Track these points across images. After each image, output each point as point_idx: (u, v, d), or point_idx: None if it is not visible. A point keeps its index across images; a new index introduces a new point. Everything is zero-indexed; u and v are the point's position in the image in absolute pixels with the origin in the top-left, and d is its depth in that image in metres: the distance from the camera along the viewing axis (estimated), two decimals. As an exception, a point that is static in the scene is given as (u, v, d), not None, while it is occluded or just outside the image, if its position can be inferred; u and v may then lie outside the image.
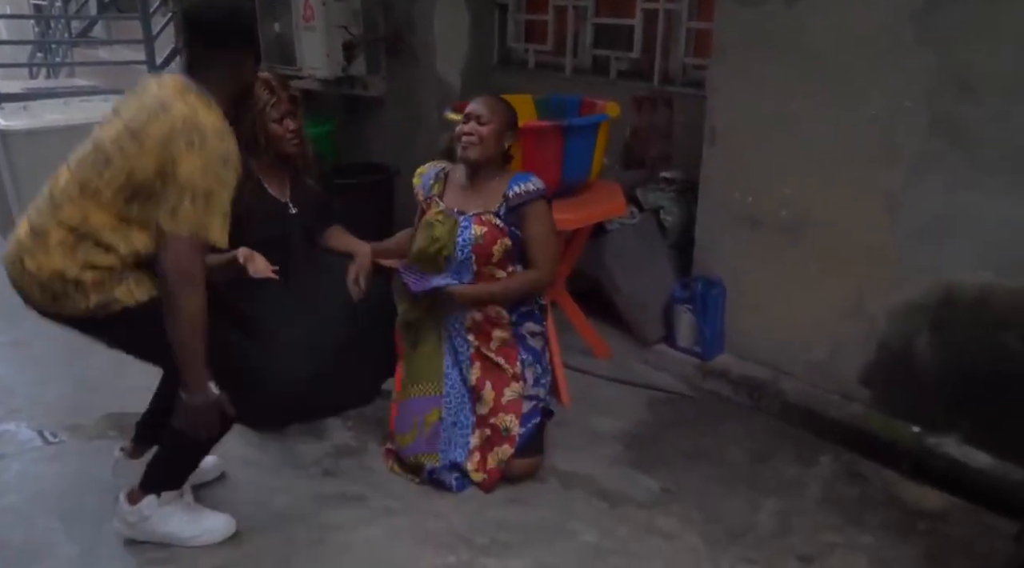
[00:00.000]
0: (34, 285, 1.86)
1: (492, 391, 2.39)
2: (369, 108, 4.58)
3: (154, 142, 1.79)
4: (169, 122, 1.80)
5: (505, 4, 4.26)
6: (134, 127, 1.82)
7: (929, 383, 2.52)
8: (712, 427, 2.76)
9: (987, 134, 2.27)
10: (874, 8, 2.43)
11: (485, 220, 2.35)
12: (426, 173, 2.54)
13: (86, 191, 1.83)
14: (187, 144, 1.79)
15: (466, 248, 2.34)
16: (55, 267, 1.83)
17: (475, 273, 2.38)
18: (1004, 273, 2.31)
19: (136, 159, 1.80)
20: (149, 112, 1.83)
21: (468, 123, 2.36)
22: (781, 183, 2.77)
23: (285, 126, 2.55)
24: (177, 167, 1.78)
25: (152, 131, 1.80)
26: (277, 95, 2.52)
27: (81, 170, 1.86)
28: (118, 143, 1.83)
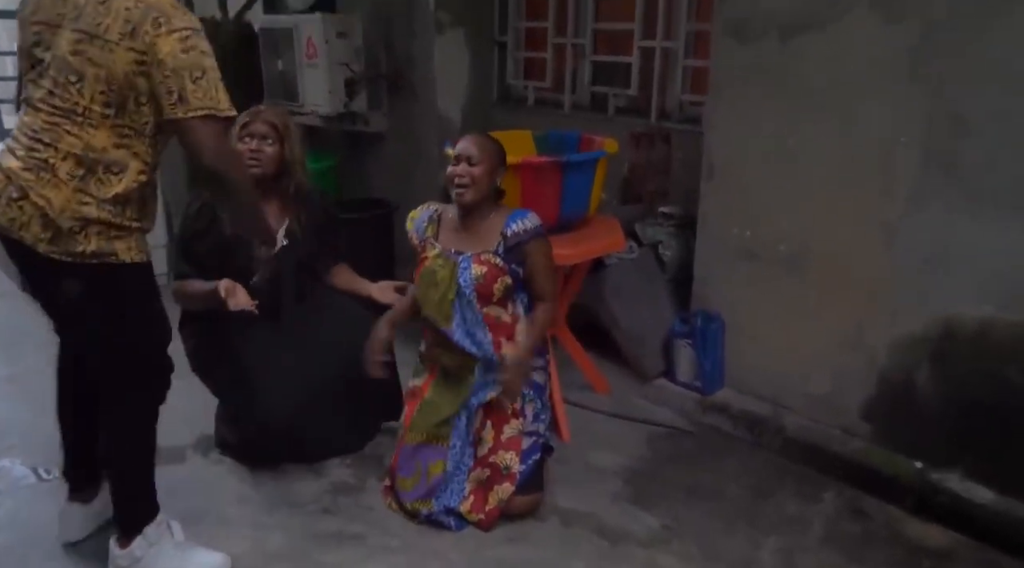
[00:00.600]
0: (36, 220, 1.79)
1: (492, 430, 2.37)
2: (370, 144, 4.63)
3: (117, 36, 1.75)
4: (122, 11, 1.75)
5: (504, 42, 4.32)
6: (89, 30, 1.76)
7: (931, 417, 2.50)
8: (713, 463, 2.73)
9: (982, 168, 2.29)
10: (867, 46, 2.46)
11: (484, 259, 2.33)
12: (418, 217, 2.50)
13: (75, 116, 1.79)
14: (154, 26, 1.75)
15: (468, 289, 2.31)
16: (68, 202, 1.79)
17: (483, 314, 2.34)
18: (1004, 306, 2.31)
19: (108, 60, 1.75)
20: (94, 8, 1.77)
21: (459, 165, 2.33)
22: (779, 217, 2.78)
23: (246, 146, 2.52)
24: (157, 54, 1.74)
25: (111, 26, 1.75)
26: (252, 116, 2.55)
27: (58, 98, 1.80)
28: (82, 55, 1.77)
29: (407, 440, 2.45)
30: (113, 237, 1.85)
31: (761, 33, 2.71)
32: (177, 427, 2.88)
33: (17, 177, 1.80)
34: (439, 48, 4.14)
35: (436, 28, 4.10)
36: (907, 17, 2.36)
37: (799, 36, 2.61)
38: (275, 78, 4.53)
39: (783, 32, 2.65)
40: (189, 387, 2.90)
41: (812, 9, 2.57)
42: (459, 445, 2.40)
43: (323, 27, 4.14)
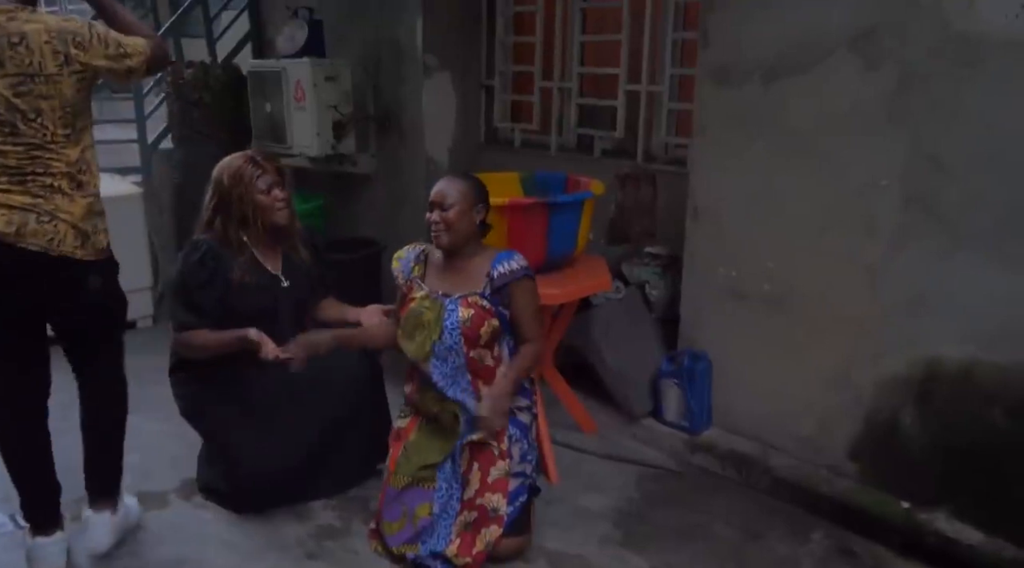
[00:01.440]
0: (69, 233, 2.11)
1: (479, 472, 2.35)
2: (358, 185, 4.66)
3: (56, 68, 2.05)
4: (44, 47, 2.04)
5: (491, 85, 4.39)
6: (23, 72, 2.02)
7: (917, 457, 2.51)
8: (701, 504, 2.72)
9: (961, 210, 2.33)
10: (847, 90, 2.52)
11: (471, 302, 2.33)
12: (405, 256, 2.51)
13: (49, 144, 2.08)
14: (78, 48, 2.08)
15: (455, 332, 2.31)
16: (82, 209, 2.14)
17: (464, 356, 2.34)
18: (986, 347, 2.33)
19: (56, 90, 2.06)
20: (14, 52, 2.01)
21: (433, 211, 2.35)
22: (764, 257, 2.82)
23: (273, 196, 2.57)
24: (93, 64, 2.11)
25: (44, 62, 2.04)
26: (263, 167, 2.56)
27: (23, 136, 2.05)
28: (27, 94, 2.04)
29: (392, 483, 2.42)
30: (104, 228, 2.24)
31: (744, 78, 2.77)
32: (160, 472, 2.85)
33: (36, 206, 2.07)
34: (427, 91, 4.20)
35: (424, 72, 4.17)
36: (885, 63, 2.42)
37: (781, 80, 2.67)
38: (263, 120, 4.56)
39: (765, 76, 2.71)
40: (172, 431, 2.88)
41: (793, 54, 2.63)
42: (445, 488, 2.38)
43: (312, 71, 4.19)
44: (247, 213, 2.54)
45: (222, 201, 2.55)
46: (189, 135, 4.84)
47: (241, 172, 2.53)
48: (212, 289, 2.51)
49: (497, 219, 2.64)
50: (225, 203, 2.54)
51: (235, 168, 2.54)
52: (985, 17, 2.21)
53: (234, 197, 2.52)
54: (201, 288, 2.50)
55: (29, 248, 2.06)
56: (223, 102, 4.87)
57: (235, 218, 2.54)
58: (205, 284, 2.50)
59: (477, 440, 2.33)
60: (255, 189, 2.53)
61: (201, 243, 2.54)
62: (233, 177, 2.53)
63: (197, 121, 4.82)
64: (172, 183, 4.79)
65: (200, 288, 2.50)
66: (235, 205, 2.53)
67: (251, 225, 2.56)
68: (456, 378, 2.36)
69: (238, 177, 2.53)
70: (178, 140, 4.92)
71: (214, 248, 2.53)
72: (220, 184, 2.55)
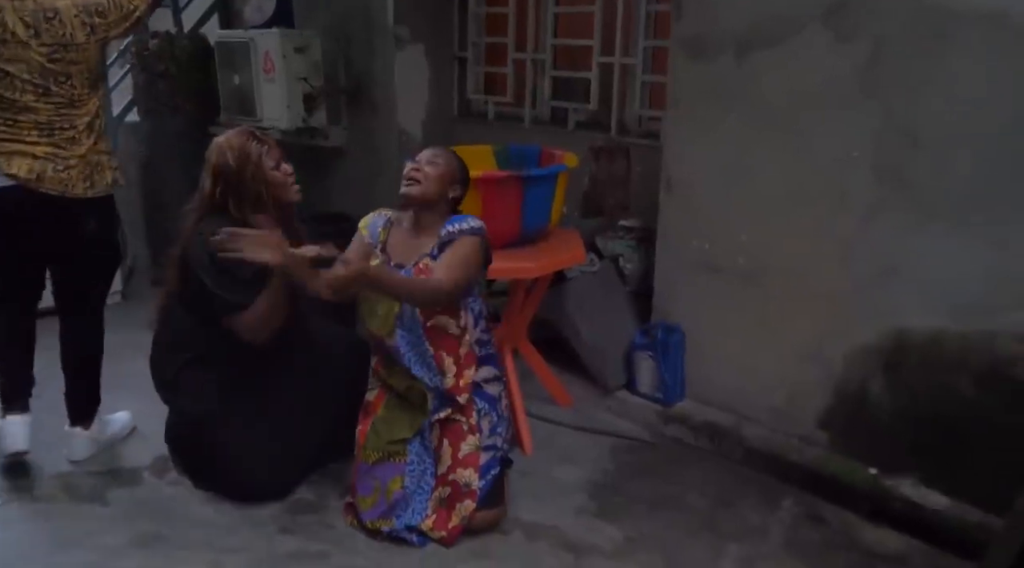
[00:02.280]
0: (79, 177, 2.51)
1: (449, 448, 2.35)
2: (330, 158, 4.60)
3: (84, 38, 2.47)
4: (74, 20, 2.46)
5: (464, 57, 4.34)
6: (58, 42, 2.44)
7: (885, 426, 2.56)
8: (675, 474, 2.76)
9: (931, 182, 2.36)
10: (820, 64, 2.53)
11: (422, 267, 2.31)
12: (372, 222, 2.47)
13: (76, 102, 2.51)
14: (101, 17, 2.51)
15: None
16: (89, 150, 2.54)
17: (423, 327, 2.30)
18: (953, 317, 2.37)
19: (84, 57, 2.49)
20: (52, 26, 2.43)
21: (416, 163, 2.35)
22: (737, 230, 2.83)
23: (284, 171, 2.46)
24: (112, 29, 2.55)
25: (74, 33, 2.46)
26: (266, 142, 2.43)
27: (55, 95, 2.47)
28: (60, 61, 2.46)
29: (363, 458, 2.42)
30: (113, 166, 2.64)
31: (717, 50, 2.76)
32: (133, 449, 2.84)
33: (56, 155, 2.48)
34: (399, 63, 4.14)
35: (396, 44, 4.11)
36: (858, 36, 2.43)
37: (754, 53, 2.67)
38: (232, 93, 4.48)
39: (739, 49, 2.71)
40: (144, 409, 2.86)
41: (766, 27, 2.63)
42: (417, 461, 2.38)
43: (281, 42, 4.11)
44: (261, 192, 2.39)
45: (231, 183, 2.37)
46: (155, 108, 4.73)
47: (247, 150, 2.38)
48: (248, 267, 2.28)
49: (471, 193, 2.62)
50: (235, 184, 2.37)
51: (239, 146, 2.38)
52: (956, -11, 2.22)
53: (247, 177, 2.36)
54: (242, 266, 2.27)
55: (48, 192, 2.47)
56: (189, 74, 4.76)
57: (249, 199, 2.38)
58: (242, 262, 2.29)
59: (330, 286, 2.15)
60: (266, 166, 2.40)
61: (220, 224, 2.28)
62: (240, 156, 2.36)
63: (163, 93, 4.71)
64: (139, 156, 4.69)
65: (238, 265, 2.27)
66: (248, 185, 2.37)
67: (264, 204, 2.41)
68: (420, 351, 2.32)
69: (246, 156, 2.37)
70: (144, 113, 4.81)
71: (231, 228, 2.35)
72: (226, 166, 2.36)
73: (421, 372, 2.33)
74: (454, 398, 2.34)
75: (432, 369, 2.33)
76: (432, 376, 2.33)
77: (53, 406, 2.76)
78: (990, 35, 2.19)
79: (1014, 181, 2.21)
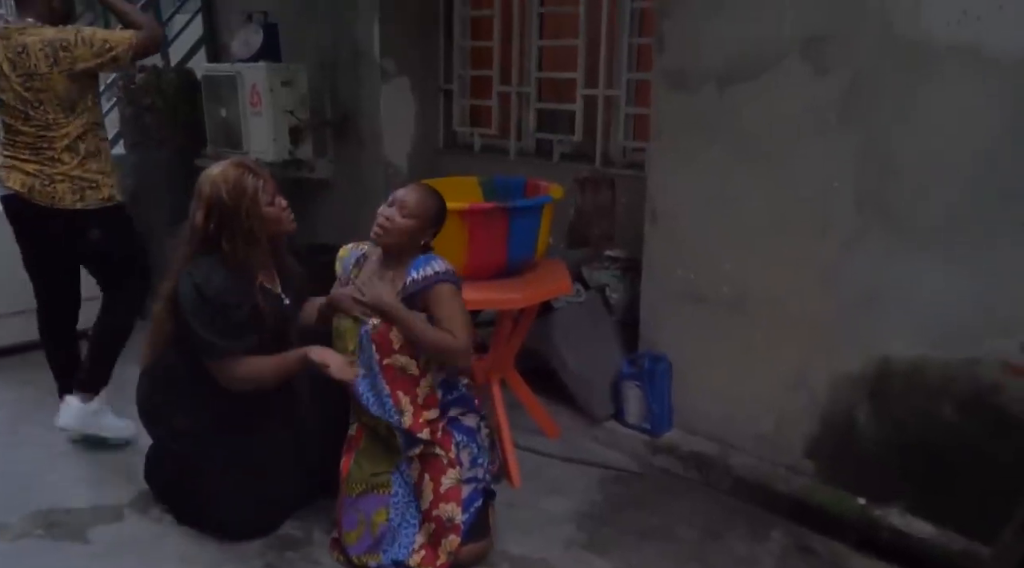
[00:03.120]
0: (67, 191, 2.80)
1: (431, 482, 2.31)
2: (316, 190, 4.60)
3: (46, 69, 2.71)
4: (38, 53, 2.70)
5: (450, 90, 4.38)
6: (26, 72, 2.72)
7: (872, 454, 2.56)
8: (663, 505, 2.74)
9: (911, 211, 2.39)
10: (799, 94, 2.57)
11: None
12: (346, 257, 2.47)
13: (52, 125, 2.77)
14: (63, 50, 2.72)
15: (366, 338, 2.24)
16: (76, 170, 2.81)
17: (380, 365, 2.25)
18: (936, 345, 2.39)
19: (48, 85, 2.73)
20: (18, 58, 2.71)
21: (390, 208, 2.30)
22: (721, 260, 2.85)
23: (279, 205, 2.41)
24: (78, 64, 2.74)
25: (38, 64, 2.71)
26: (261, 176, 2.37)
27: (33, 120, 2.76)
28: (31, 89, 2.73)
29: (347, 491, 2.39)
30: (110, 184, 2.91)
31: (699, 83, 2.80)
32: (115, 483, 2.79)
33: (42, 172, 2.78)
34: (385, 96, 4.18)
35: (382, 76, 4.14)
36: (836, 68, 2.47)
37: (735, 85, 2.71)
38: (218, 126, 4.49)
39: (720, 81, 2.75)
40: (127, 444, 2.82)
41: (746, 60, 2.67)
42: (402, 493, 2.35)
43: (267, 75, 4.13)
44: (254, 228, 2.33)
45: (224, 218, 2.30)
46: (142, 141, 4.74)
47: (242, 184, 2.31)
48: (242, 311, 2.33)
49: (457, 224, 2.64)
50: (228, 220, 2.31)
51: (234, 180, 2.31)
52: (929, 22, 2.27)
53: (241, 213, 2.30)
54: (235, 309, 2.31)
55: (39, 204, 2.80)
56: (176, 107, 4.77)
57: (241, 234, 2.32)
58: (238, 306, 2.32)
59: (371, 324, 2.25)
60: (261, 201, 2.34)
61: (210, 266, 2.33)
62: (235, 191, 2.30)
63: (150, 126, 4.72)
64: (126, 188, 4.68)
65: (234, 309, 2.31)
66: (242, 221, 2.31)
67: (257, 240, 2.36)
68: (377, 390, 2.27)
69: (241, 191, 2.31)
70: (131, 146, 4.81)
71: (224, 272, 2.33)
72: (220, 200, 2.30)
73: (379, 412, 2.27)
74: (416, 436, 2.29)
75: (388, 409, 2.26)
76: (390, 415, 2.26)
77: (34, 440, 2.73)
78: (965, 67, 2.23)
79: (993, 209, 2.24)
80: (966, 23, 2.20)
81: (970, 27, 2.20)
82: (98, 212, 2.88)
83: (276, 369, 2.36)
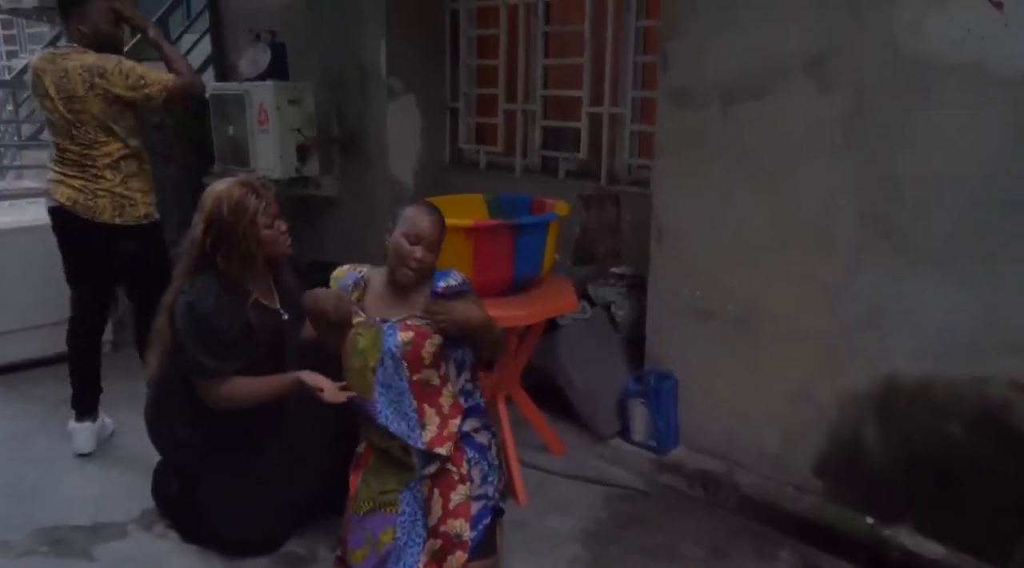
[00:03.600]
0: (108, 206, 2.99)
1: (440, 498, 2.30)
2: (322, 207, 4.63)
3: (83, 92, 2.90)
4: (77, 77, 2.89)
5: (456, 108, 4.41)
6: (67, 94, 2.91)
7: (880, 473, 2.54)
8: (669, 523, 2.72)
9: (916, 228, 2.38)
10: (803, 113, 2.58)
11: (411, 324, 2.26)
12: (342, 279, 2.42)
13: (94, 144, 2.97)
14: (100, 77, 2.89)
15: (395, 354, 2.24)
16: (118, 188, 3.01)
17: (409, 381, 2.26)
18: (943, 362, 2.38)
19: (85, 107, 2.92)
20: (61, 81, 2.91)
21: (416, 246, 2.25)
22: (727, 277, 2.85)
23: (277, 228, 2.42)
24: (111, 90, 2.91)
25: (76, 88, 2.89)
26: (265, 198, 2.39)
27: (79, 138, 2.95)
28: (72, 111, 2.92)
29: (354, 509, 2.38)
30: (148, 203, 3.11)
31: (703, 101, 2.81)
32: (119, 502, 2.79)
33: (86, 187, 2.98)
34: (391, 114, 4.21)
35: (388, 95, 4.18)
36: (839, 86, 2.48)
37: (739, 103, 2.72)
38: (226, 143, 4.52)
39: (724, 100, 2.76)
40: (130, 459, 2.83)
41: (750, 78, 2.68)
42: (408, 512, 2.33)
43: (275, 94, 4.17)
44: (251, 248, 2.35)
45: (222, 234, 2.32)
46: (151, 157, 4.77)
47: (244, 204, 2.32)
48: (235, 332, 2.34)
49: (463, 241, 2.64)
50: (226, 237, 2.33)
51: (236, 199, 2.33)
52: (932, 41, 2.28)
53: (239, 232, 2.32)
54: (225, 331, 2.33)
55: (81, 216, 2.98)
56: (185, 124, 4.82)
57: (237, 253, 2.34)
58: (229, 327, 2.33)
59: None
60: (260, 223, 2.35)
61: (204, 287, 2.34)
62: (235, 210, 2.31)
63: (158, 143, 4.75)
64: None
65: (224, 331, 2.33)
66: (238, 240, 2.32)
67: (253, 260, 2.38)
68: (401, 406, 2.27)
69: (242, 210, 2.32)
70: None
71: (219, 291, 2.34)
72: (219, 217, 2.32)
73: (399, 430, 2.27)
74: (435, 453, 2.29)
75: (412, 425, 2.27)
76: (411, 433, 2.27)
77: (40, 455, 2.73)
78: (967, 85, 2.24)
79: (997, 227, 2.24)
80: (970, 41, 2.21)
81: (974, 45, 2.20)
82: (135, 228, 3.05)
83: (265, 392, 2.38)
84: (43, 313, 3.92)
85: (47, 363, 3.89)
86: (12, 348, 3.93)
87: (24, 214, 4.17)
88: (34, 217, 4.04)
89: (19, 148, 7.73)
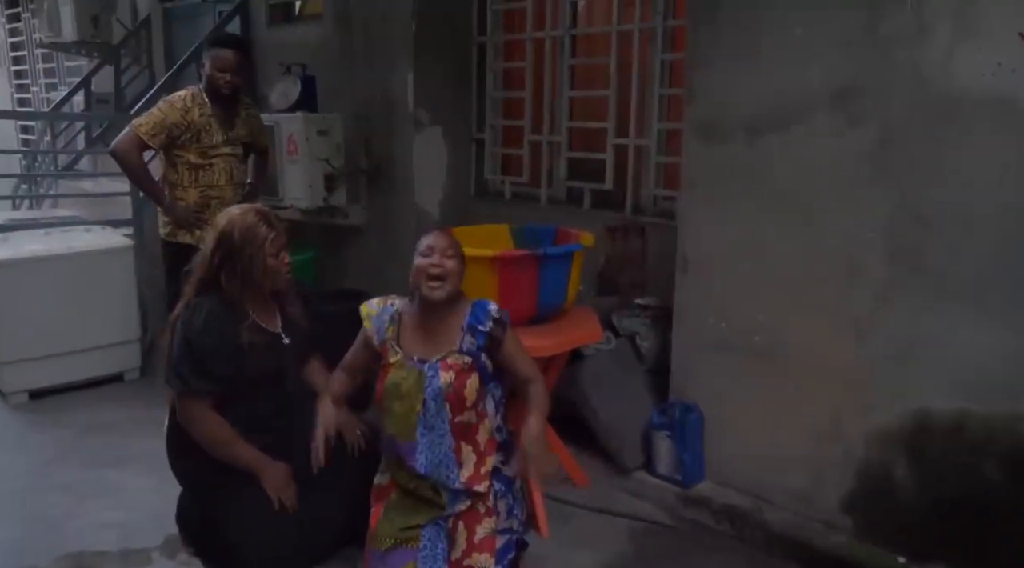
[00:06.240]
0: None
1: (465, 531, 2.26)
2: (349, 236, 4.68)
3: None
4: None
5: (482, 139, 4.45)
6: None
7: (911, 511, 2.49)
8: (695, 559, 2.68)
9: (945, 263, 2.36)
10: (830, 146, 2.57)
11: (451, 363, 2.21)
12: (377, 314, 2.34)
13: None
14: None
15: (439, 399, 2.20)
16: None
17: (451, 423, 2.22)
18: (976, 399, 2.34)
19: None
20: None
21: (432, 256, 2.20)
22: (754, 309, 2.83)
23: (281, 260, 2.46)
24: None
25: None
26: (275, 229, 2.44)
27: None
28: None
29: (375, 545, 2.33)
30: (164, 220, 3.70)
31: (729, 134, 2.82)
32: (143, 529, 2.80)
33: None
34: (418, 145, 4.26)
35: (415, 126, 4.23)
36: (866, 120, 2.47)
37: (765, 137, 2.72)
38: (256, 173, 4.59)
39: (749, 133, 2.76)
40: (155, 487, 2.84)
41: (776, 111, 2.69)
42: (430, 546, 2.29)
43: (304, 125, 4.25)
44: (253, 274, 2.40)
45: (229, 255, 2.38)
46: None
47: (255, 231, 2.38)
48: (222, 354, 2.37)
49: (488, 271, 2.65)
50: (231, 259, 2.38)
51: (248, 224, 2.39)
52: (963, 75, 2.27)
53: (244, 256, 2.37)
54: (212, 353, 2.35)
55: None
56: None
57: (239, 276, 2.39)
58: (215, 349, 2.36)
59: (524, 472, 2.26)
60: (267, 252, 2.39)
61: (202, 304, 2.39)
62: (245, 235, 2.37)
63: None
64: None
65: (211, 353, 2.35)
66: (243, 263, 2.38)
67: (254, 284, 2.43)
68: (441, 448, 2.23)
69: (252, 236, 2.37)
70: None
71: (216, 310, 2.38)
72: (229, 238, 2.38)
73: (435, 473, 2.23)
74: (471, 492, 2.25)
75: (450, 465, 2.23)
76: (448, 474, 2.23)
77: (65, 482, 2.75)
78: (998, 121, 2.22)
79: (1028, 262, 2.21)
80: (1000, 75, 2.20)
81: (1004, 79, 2.19)
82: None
83: (229, 449, 2.41)
84: (71, 340, 4.00)
85: (75, 389, 3.95)
86: (41, 374, 3.97)
87: (55, 242, 4.21)
88: (65, 245, 4.13)
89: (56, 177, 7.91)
